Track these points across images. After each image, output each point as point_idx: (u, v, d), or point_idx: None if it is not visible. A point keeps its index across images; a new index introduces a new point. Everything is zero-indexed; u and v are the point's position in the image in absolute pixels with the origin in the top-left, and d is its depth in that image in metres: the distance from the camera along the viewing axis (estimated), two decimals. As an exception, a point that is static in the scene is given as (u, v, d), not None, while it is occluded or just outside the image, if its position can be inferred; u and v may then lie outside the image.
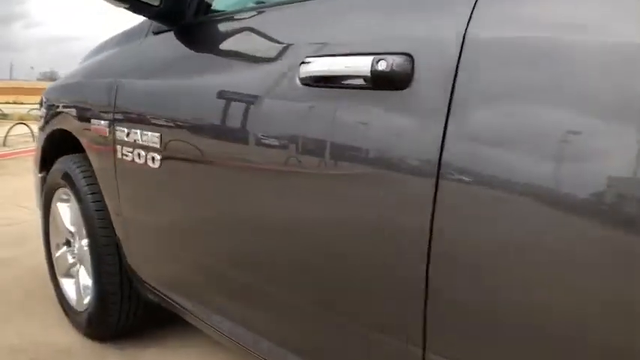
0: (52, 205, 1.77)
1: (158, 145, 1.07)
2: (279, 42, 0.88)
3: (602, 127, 0.49)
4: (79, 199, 1.50)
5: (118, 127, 1.21)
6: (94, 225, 1.43)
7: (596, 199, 0.48)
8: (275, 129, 0.82)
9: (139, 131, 1.13)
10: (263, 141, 0.84)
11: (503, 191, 0.54)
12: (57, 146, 1.84)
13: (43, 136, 1.85)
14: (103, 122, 1.28)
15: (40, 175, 1.96)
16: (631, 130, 0.46)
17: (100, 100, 1.33)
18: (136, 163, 1.15)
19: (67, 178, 1.58)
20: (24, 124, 8.47)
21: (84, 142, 1.44)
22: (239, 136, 0.90)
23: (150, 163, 1.10)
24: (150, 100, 1.13)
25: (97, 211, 1.43)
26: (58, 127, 1.69)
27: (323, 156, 0.74)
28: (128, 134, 1.17)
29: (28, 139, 7.90)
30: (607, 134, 0.48)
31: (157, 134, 1.07)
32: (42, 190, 1.95)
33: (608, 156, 0.47)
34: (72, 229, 1.68)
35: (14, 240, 2.74)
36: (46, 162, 1.90)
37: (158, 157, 1.08)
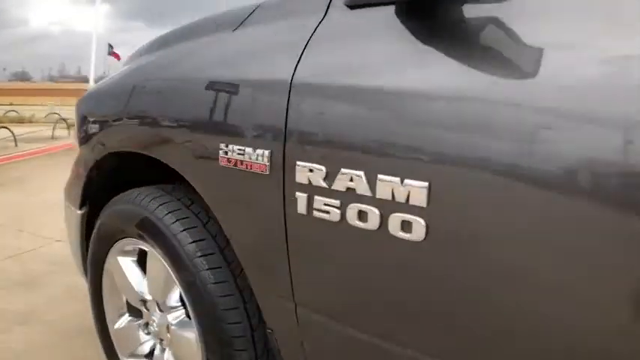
0: (109, 261, 1.24)
1: (424, 203, 0.57)
2: None
3: None
4: (179, 266, 0.97)
5: (299, 163, 0.70)
6: (211, 305, 0.91)
7: None
8: None
9: (362, 173, 0.63)
10: None
11: None
12: (110, 174, 1.33)
13: (90, 157, 1.31)
14: (255, 151, 0.76)
15: (79, 211, 1.42)
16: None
17: (245, 112, 0.81)
18: (354, 226, 0.63)
19: (148, 227, 1.05)
20: (5, 127, 7.84)
21: (196, 178, 0.92)
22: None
23: (397, 231, 0.59)
24: (387, 119, 0.61)
25: (216, 283, 0.92)
26: (124, 148, 1.17)
27: None
28: (328, 177, 0.66)
29: (9, 143, 7.25)
30: None
31: (422, 185, 0.57)
32: (82, 230, 1.43)
33: None
34: (147, 296, 1.16)
35: (22, 281, 2.16)
36: (86, 192, 1.38)
37: (422, 222, 0.57)
